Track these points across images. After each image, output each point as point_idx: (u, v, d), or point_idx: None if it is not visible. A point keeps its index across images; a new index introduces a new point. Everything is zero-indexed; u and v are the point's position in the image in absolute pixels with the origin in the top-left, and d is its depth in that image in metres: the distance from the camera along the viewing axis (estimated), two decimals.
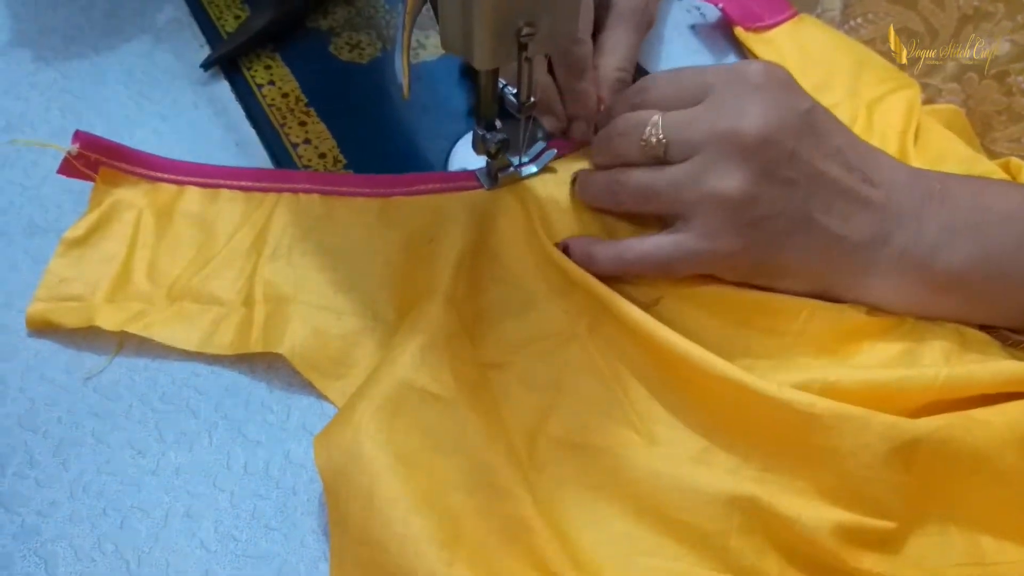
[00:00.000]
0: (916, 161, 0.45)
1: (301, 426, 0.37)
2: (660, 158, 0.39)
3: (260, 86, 0.50)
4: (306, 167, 0.46)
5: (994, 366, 0.35)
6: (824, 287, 0.39)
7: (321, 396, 0.38)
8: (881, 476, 0.33)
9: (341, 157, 0.47)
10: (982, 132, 0.50)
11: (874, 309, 0.39)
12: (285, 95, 0.49)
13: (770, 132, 0.36)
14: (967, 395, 0.34)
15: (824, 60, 0.52)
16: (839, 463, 0.33)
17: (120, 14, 0.55)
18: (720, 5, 0.55)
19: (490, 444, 0.34)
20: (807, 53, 0.53)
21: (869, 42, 0.56)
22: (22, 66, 0.52)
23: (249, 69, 0.51)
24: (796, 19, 0.55)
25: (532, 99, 0.41)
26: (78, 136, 0.43)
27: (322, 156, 0.47)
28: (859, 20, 0.56)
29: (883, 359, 0.37)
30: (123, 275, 0.41)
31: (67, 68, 0.52)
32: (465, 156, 0.46)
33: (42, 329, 0.40)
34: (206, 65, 0.51)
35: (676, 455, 0.36)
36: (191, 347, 0.38)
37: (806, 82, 0.49)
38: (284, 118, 0.48)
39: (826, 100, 0.48)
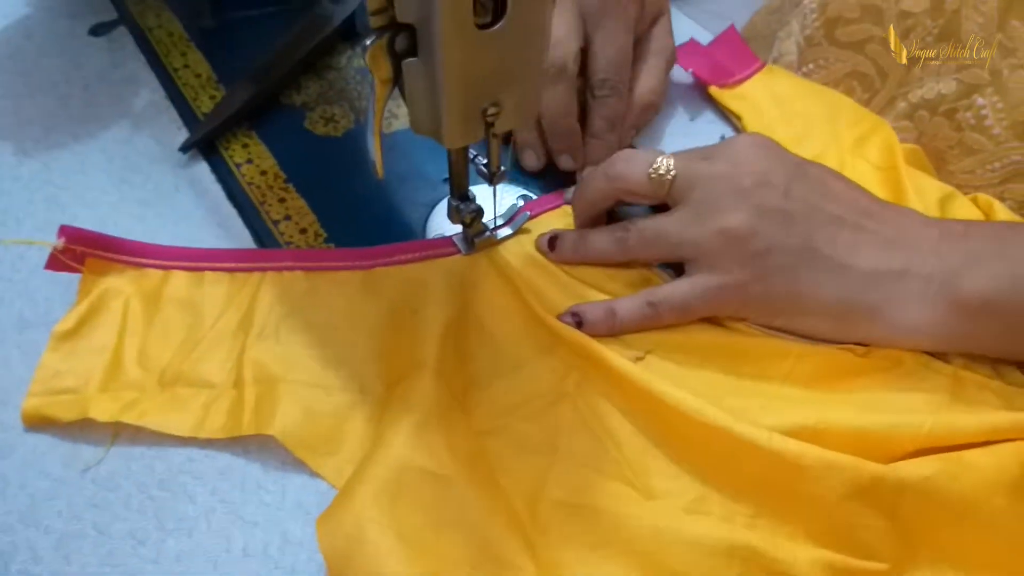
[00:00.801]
0: (913, 194, 0.47)
1: (297, 504, 0.38)
2: (661, 191, 0.41)
3: (239, 165, 0.51)
4: (288, 243, 0.47)
5: (979, 417, 0.36)
6: (848, 324, 0.40)
7: (315, 474, 0.39)
8: (869, 523, 0.34)
9: (322, 231, 0.48)
10: (937, 166, 0.52)
11: (887, 347, 0.40)
12: (263, 172, 0.51)
13: (764, 175, 0.40)
14: (953, 444, 0.35)
15: (800, 110, 0.54)
16: (828, 510, 0.35)
17: (98, 101, 0.56)
18: (690, 70, 0.56)
19: (491, 516, 0.35)
20: (782, 104, 0.54)
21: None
22: (3, 159, 0.53)
23: (227, 149, 0.52)
24: (765, 70, 0.57)
25: (502, 168, 0.42)
26: (63, 231, 0.44)
27: (303, 231, 0.48)
28: (811, 66, 0.58)
29: (871, 401, 0.38)
30: (114, 364, 0.42)
31: (48, 159, 0.53)
32: (442, 223, 0.48)
33: (38, 424, 0.40)
34: (185, 148, 0.52)
35: (672, 507, 0.37)
36: (184, 433, 0.39)
37: (787, 132, 0.52)
38: (264, 196, 0.50)
39: (812, 149, 0.50)
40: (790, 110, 0.54)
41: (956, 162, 0.51)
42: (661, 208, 0.43)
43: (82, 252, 0.44)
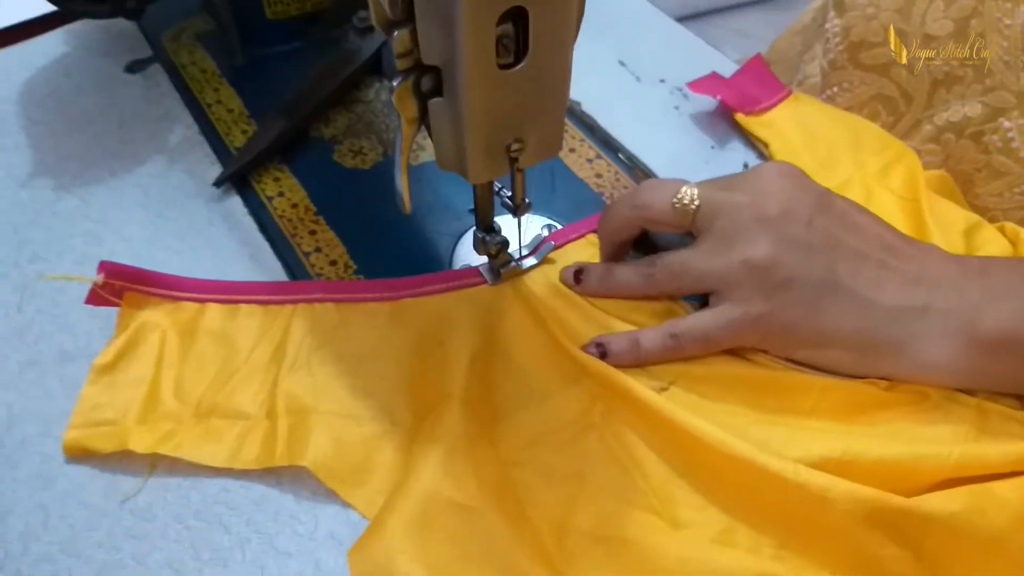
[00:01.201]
0: (934, 227, 0.47)
1: (330, 535, 0.39)
2: (685, 220, 0.41)
3: (270, 198, 0.53)
4: (319, 275, 0.48)
5: (1006, 447, 0.36)
6: (870, 359, 0.40)
7: (347, 504, 0.39)
8: (895, 555, 0.34)
9: (351, 263, 0.49)
10: (964, 189, 0.52)
11: (910, 383, 0.39)
12: (295, 205, 0.52)
13: (787, 205, 0.40)
14: (980, 474, 0.35)
15: (825, 136, 0.54)
16: (854, 543, 0.35)
17: (133, 137, 0.58)
18: (718, 96, 0.57)
19: (519, 547, 0.35)
20: (808, 131, 0.55)
21: (847, 110, 0.58)
22: (43, 194, 0.55)
23: (259, 183, 0.54)
24: (792, 97, 0.57)
25: (527, 201, 0.43)
26: (103, 266, 0.45)
27: (333, 263, 0.49)
28: (835, 89, 0.58)
29: (896, 432, 0.38)
30: (152, 396, 0.43)
31: (86, 194, 0.54)
32: (468, 253, 0.49)
33: (79, 455, 0.42)
34: (218, 183, 0.54)
35: (699, 537, 0.37)
36: (219, 464, 0.40)
37: (812, 160, 0.52)
38: (295, 228, 0.51)
39: (837, 177, 0.51)
40: (816, 137, 0.54)
41: (983, 185, 0.51)
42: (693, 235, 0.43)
43: (121, 286, 0.45)
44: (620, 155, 0.55)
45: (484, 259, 0.47)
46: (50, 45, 0.65)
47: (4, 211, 0.53)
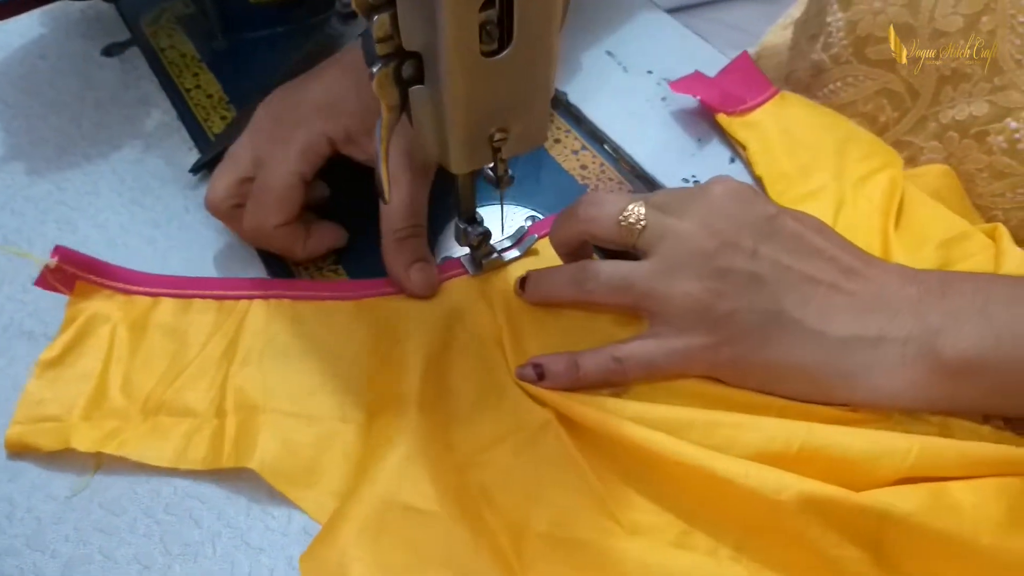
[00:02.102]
0: (897, 245, 0.45)
1: (303, 530, 0.38)
2: (630, 239, 0.40)
3: None
4: (296, 264, 0.47)
5: (965, 448, 0.35)
6: (824, 390, 0.38)
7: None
8: (854, 556, 0.34)
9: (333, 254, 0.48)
10: (967, 188, 0.51)
11: (874, 410, 0.38)
12: None
13: (732, 235, 0.38)
14: (939, 475, 0.35)
15: (808, 141, 0.53)
16: (809, 544, 0.34)
17: (110, 121, 0.57)
18: (698, 96, 0.55)
19: (476, 552, 0.35)
20: (791, 134, 0.53)
21: (849, 104, 0.57)
22: (16, 179, 0.53)
23: None
24: (778, 97, 0.56)
25: (510, 173, 0.41)
26: (57, 250, 0.44)
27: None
28: (838, 84, 0.57)
29: (856, 432, 0.37)
30: (99, 392, 0.42)
31: (60, 179, 0.53)
32: (450, 244, 0.48)
33: (20, 452, 0.40)
34: (195, 169, 0.52)
35: (657, 541, 0.36)
36: (164, 464, 0.39)
37: (791, 163, 0.50)
38: None
39: (812, 183, 0.49)
40: (797, 141, 0.53)
41: (985, 185, 0.51)
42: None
43: (72, 273, 0.45)
44: (606, 146, 0.54)
45: (466, 250, 0.46)
46: (26, 26, 0.64)
47: None
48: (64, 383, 0.42)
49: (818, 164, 0.51)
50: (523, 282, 0.44)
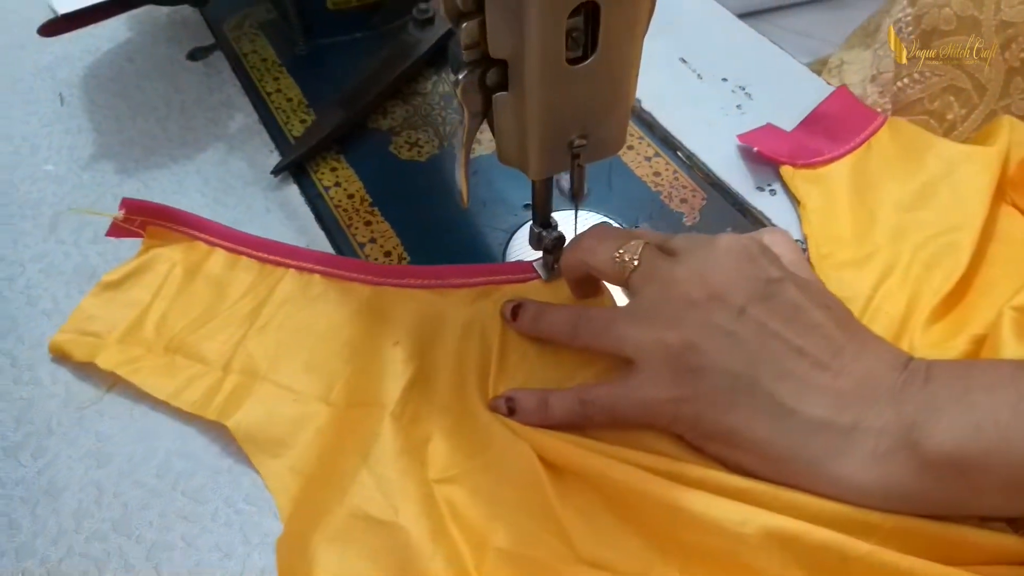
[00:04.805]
0: (925, 330, 0.42)
1: None
2: (621, 277, 0.39)
3: (327, 188, 0.53)
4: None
5: (936, 528, 0.33)
6: (784, 472, 0.35)
7: None
8: None
9: (405, 254, 0.49)
10: None
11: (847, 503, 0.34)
12: (351, 196, 0.52)
13: (723, 289, 0.36)
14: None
15: (882, 196, 0.49)
16: None
17: (194, 123, 0.59)
18: (756, 148, 0.53)
19: (432, 561, 0.35)
20: (864, 193, 0.50)
21: (917, 102, 0.56)
22: (106, 178, 0.56)
23: (316, 172, 0.54)
24: (863, 147, 0.52)
25: (586, 188, 0.42)
26: (124, 203, 0.49)
27: (387, 254, 0.49)
28: (906, 80, 0.57)
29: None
30: (138, 321, 0.46)
31: (148, 178, 0.55)
32: (522, 248, 0.48)
33: (58, 357, 0.45)
34: (276, 171, 0.54)
35: (617, 573, 0.36)
36: (162, 397, 0.42)
37: (850, 225, 0.48)
38: (351, 219, 0.51)
39: (864, 248, 0.47)
40: (872, 197, 0.49)
41: None
42: None
43: (142, 221, 0.49)
44: (679, 154, 0.54)
45: (538, 255, 0.47)
46: (114, 31, 0.66)
47: (67, 193, 0.54)
48: (114, 306, 0.46)
49: (880, 224, 0.48)
50: (515, 310, 0.43)
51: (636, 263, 0.38)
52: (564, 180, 0.42)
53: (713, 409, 0.36)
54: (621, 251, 0.39)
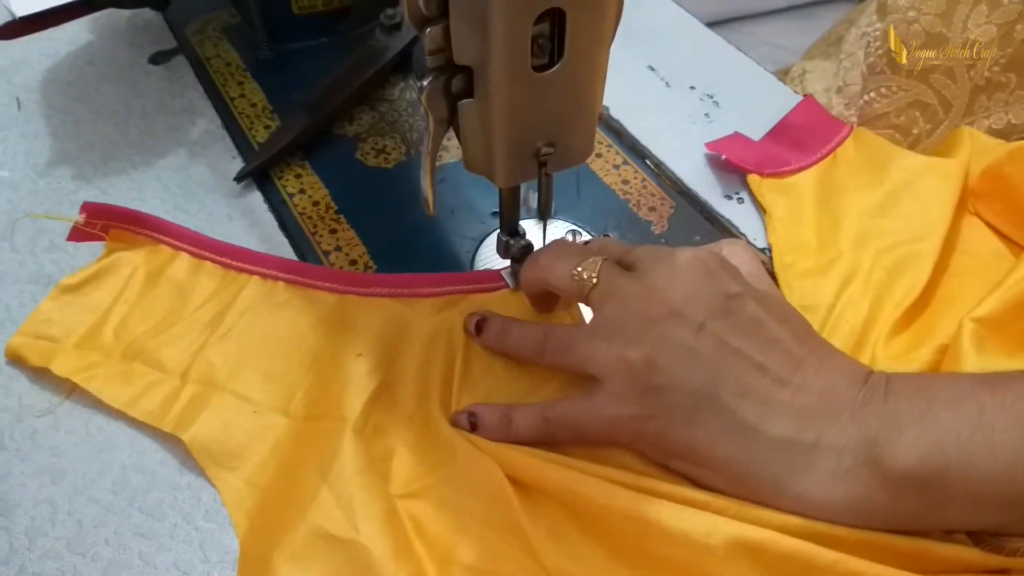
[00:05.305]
0: (888, 341, 0.42)
1: None
2: (580, 294, 0.38)
3: (291, 195, 0.52)
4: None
5: (899, 541, 0.33)
6: (746, 489, 0.35)
7: None
8: None
9: (371, 263, 0.48)
10: None
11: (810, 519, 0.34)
12: (316, 203, 0.51)
13: (682, 305, 0.36)
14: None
15: (849, 203, 0.49)
16: None
17: (155, 128, 0.58)
18: (723, 156, 0.53)
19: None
20: (830, 202, 0.50)
21: (883, 116, 0.57)
22: (63, 184, 0.54)
23: (280, 178, 0.53)
24: (829, 158, 0.52)
25: (552, 204, 0.42)
26: (85, 206, 0.48)
27: (353, 263, 0.48)
28: (872, 95, 0.57)
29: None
30: (97, 326, 0.44)
31: (107, 185, 0.54)
32: (491, 256, 0.48)
33: (14, 361, 0.43)
34: (239, 178, 0.53)
35: None
36: (118, 406, 0.41)
37: (816, 233, 0.48)
38: (315, 226, 0.50)
39: (827, 255, 0.47)
40: (838, 204, 0.49)
41: None
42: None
43: (104, 225, 0.48)
44: (648, 162, 0.54)
45: (507, 263, 0.46)
46: (74, 34, 0.65)
47: (23, 199, 0.53)
48: (73, 310, 0.45)
49: (843, 231, 0.48)
50: (479, 324, 0.42)
51: (595, 280, 0.38)
52: (532, 199, 0.42)
53: (675, 427, 0.35)
54: (580, 268, 0.38)
